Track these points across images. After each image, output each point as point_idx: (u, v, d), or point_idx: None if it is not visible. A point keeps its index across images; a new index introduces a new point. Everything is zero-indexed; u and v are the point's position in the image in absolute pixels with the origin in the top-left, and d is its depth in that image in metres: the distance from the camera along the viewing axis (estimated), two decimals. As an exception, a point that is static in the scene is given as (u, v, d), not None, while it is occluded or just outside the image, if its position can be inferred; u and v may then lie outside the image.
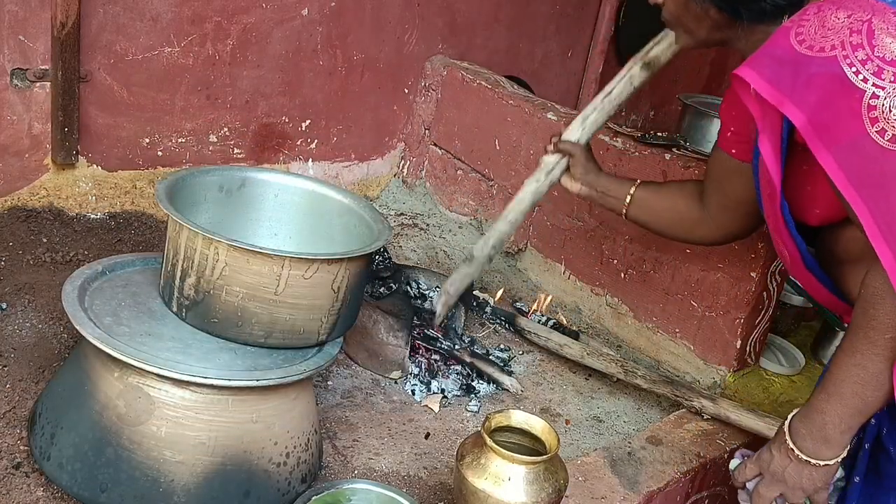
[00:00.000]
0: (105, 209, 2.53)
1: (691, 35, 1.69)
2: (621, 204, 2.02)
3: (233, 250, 1.56)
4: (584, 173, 2.06)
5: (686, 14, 1.64)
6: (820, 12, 1.39)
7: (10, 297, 2.08)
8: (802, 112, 1.36)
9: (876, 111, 1.31)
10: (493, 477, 1.58)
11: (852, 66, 1.32)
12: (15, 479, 1.56)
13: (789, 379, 2.49)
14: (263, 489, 1.58)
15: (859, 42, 1.33)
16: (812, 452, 1.46)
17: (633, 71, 2.03)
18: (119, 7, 2.37)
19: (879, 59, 1.31)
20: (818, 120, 1.35)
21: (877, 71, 1.31)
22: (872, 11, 1.35)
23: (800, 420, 1.48)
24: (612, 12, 3.87)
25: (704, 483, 2.07)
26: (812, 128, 1.36)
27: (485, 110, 3.00)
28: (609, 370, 2.32)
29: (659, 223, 2.01)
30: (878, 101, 1.31)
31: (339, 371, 2.19)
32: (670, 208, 1.97)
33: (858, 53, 1.32)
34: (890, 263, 1.32)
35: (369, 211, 1.89)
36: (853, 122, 1.33)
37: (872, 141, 1.32)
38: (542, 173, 2.10)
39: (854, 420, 1.42)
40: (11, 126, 2.32)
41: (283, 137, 2.88)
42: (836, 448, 1.44)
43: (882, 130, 1.31)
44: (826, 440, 1.44)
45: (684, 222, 1.95)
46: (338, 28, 2.86)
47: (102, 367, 1.54)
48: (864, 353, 1.39)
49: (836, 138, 1.35)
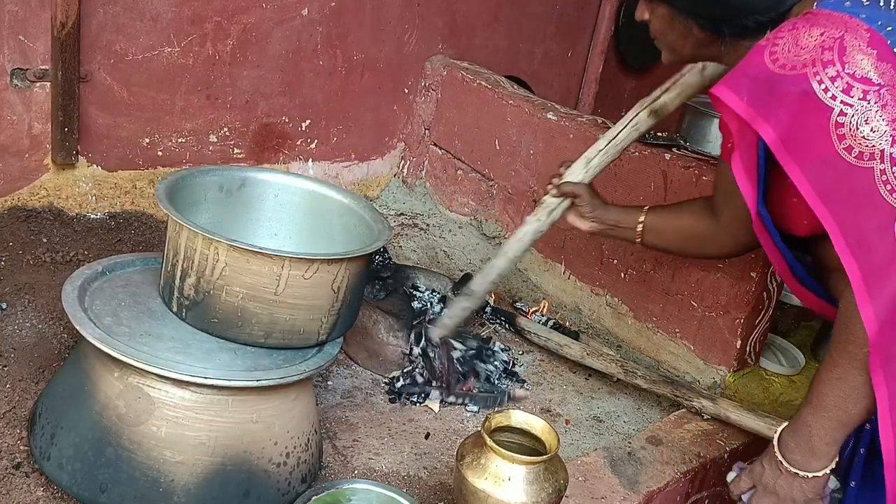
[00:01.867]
0: (105, 209, 2.53)
1: (676, 52, 1.72)
2: (634, 233, 2.04)
3: (233, 250, 1.56)
4: (592, 210, 2.07)
5: (671, 31, 1.67)
6: (794, 30, 1.40)
7: (10, 297, 2.08)
8: (774, 129, 1.38)
9: (843, 128, 1.33)
10: (493, 477, 1.58)
11: (822, 83, 1.34)
12: (15, 479, 1.56)
13: (789, 379, 2.49)
14: (263, 489, 1.58)
15: (830, 59, 1.34)
16: (800, 464, 1.48)
17: (639, 116, 2.04)
18: (119, 7, 2.37)
19: (849, 75, 1.33)
20: (788, 137, 1.38)
21: (846, 88, 1.33)
22: (845, 28, 1.36)
23: (788, 433, 1.51)
24: (612, 12, 3.87)
25: (704, 483, 2.07)
26: (783, 144, 1.38)
27: (485, 110, 3.00)
28: (609, 370, 2.32)
29: (674, 245, 2.04)
30: (845, 119, 1.33)
31: (339, 371, 2.19)
32: (682, 228, 1.99)
33: (829, 70, 1.34)
34: (857, 279, 1.35)
35: (369, 211, 1.89)
36: (822, 138, 1.34)
37: (840, 158, 1.34)
38: (544, 213, 2.12)
39: (839, 432, 1.45)
40: (11, 126, 2.32)
41: (283, 137, 2.88)
42: (824, 459, 1.47)
43: (849, 147, 1.33)
44: (813, 452, 1.47)
45: (698, 240, 1.96)
46: (338, 28, 2.86)
47: (102, 367, 1.54)
48: (844, 367, 1.42)
49: (806, 155, 1.37)
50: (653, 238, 2.03)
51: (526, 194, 2.88)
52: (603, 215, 2.07)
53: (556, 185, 2.10)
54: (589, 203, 2.07)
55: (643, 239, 2.04)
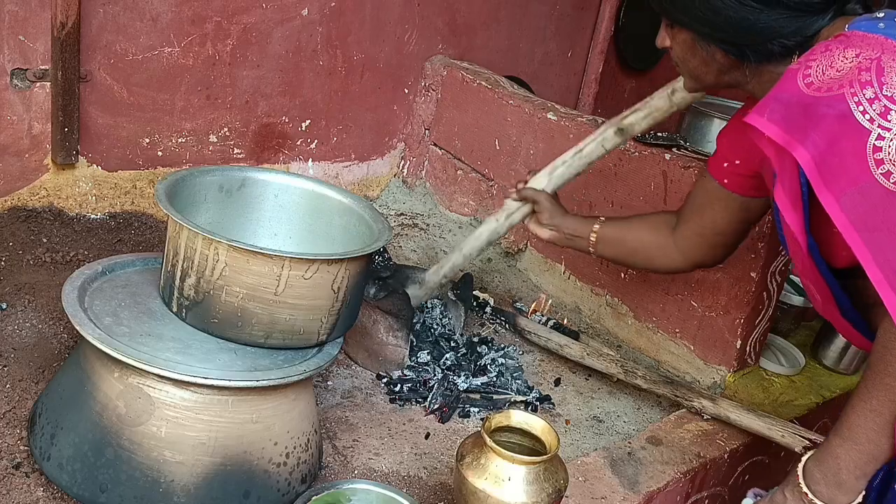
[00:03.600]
0: (105, 209, 2.53)
1: (699, 79, 1.66)
2: (587, 242, 2.07)
3: (233, 250, 1.56)
4: (550, 217, 2.11)
5: (693, 58, 1.61)
6: (827, 52, 1.35)
7: (10, 297, 2.08)
8: (808, 152, 1.32)
9: (881, 153, 1.27)
10: (493, 477, 1.58)
11: (860, 104, 1.28)
12: (15, 479, 1.56)
13: (789, 379, 2.49)
14: (263, 489, 1.58)
15: (868, 80, 1.28)
16: (826, 497, 1.43)
17: (605, 134, 2.09)
18: (119, 7, 2.37)
19: (887, 98, 1.27)
20: (823, 160, 1.31)
21: (883, 111, 1.27)
22: (882, 49, 1.31)
23: (814, 463, 1.45)
24: (612, 12, 3.87)
25: (704, 483, 2.07)
26: (816, 168, 1.32)
27: (485, 110, 3.00)
28: (609, 370, 2.32)
29: (624, 255, 2.07)
30: (883, 143, 1.26)
31: (339, 371, 2.19)
32: (635, 239, 2.01)
33: (867, 91, 1.28)
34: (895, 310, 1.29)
35: (369, 211, 1.89)
36: (858, 163, 1.28)
37: (877, 183, 1.27)
38: (503, 215, 2.19)
39: (869, 466, 1.40)
40: (11, 126, 2.32)
41: (283, 137, 2.88)
42: (851, 493, 1.42)
43: (888, 173, 1.27)
44: (840, 485, 1.42)
45: (647, 252, 1.99)
46: (338, 28, 2.86)
47: (102, 367, 1.54)
48: (879, 400, 1.36)
49: (839, 181, 1.30)
50: (605, 248, 2.06)
51: (526, 194, 2.88)
52: (560, 223, 2.11)
53: (518, 189, 2.15)
54: (547, 210, 2.11)
55: (596, 249, 2.07)
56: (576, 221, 2.11)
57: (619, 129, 2.07)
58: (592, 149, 2.11)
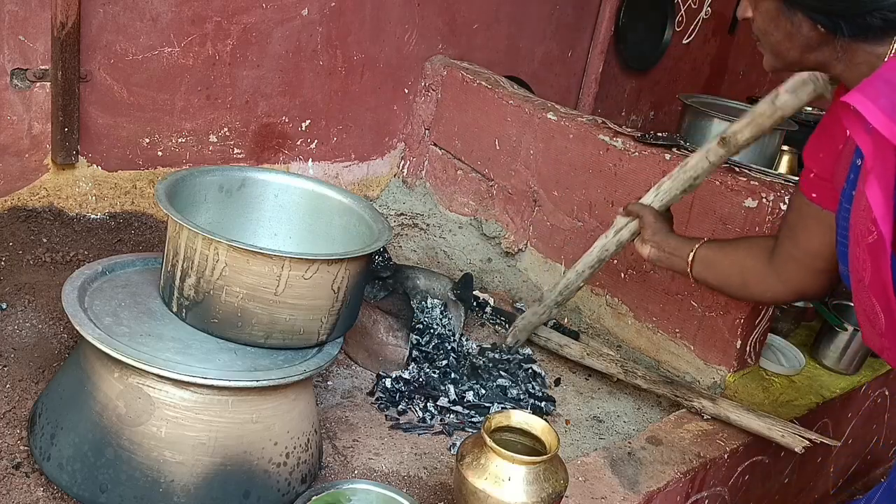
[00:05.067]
0: (105, 209, 2.53)
1: (780, 56, 1.46)
2: (685, 263, 1.92)
3: (233, 251, 1.56)
4: (653, 234, 2.01)
5: (776, 30, 1.43)
6: None
7: (10, 297, 2.08)
8: None
9: None
10: (493, 477, 1.58)
11: None
12: (15, 479, 1.56)
13: (789, 379, 2.49)
14: (263, 489, 1.58)
15: None
16: None
17: (710, 146, 1.97)
18: (119, 7, 2.37)
19: None
20: None
21: None
22: None
23: None
24: (612, 12, 3.87)
25: (704, 483, 2.07)
26: None
27: (485, 110, 3.00)
28: (609, 370, 2.32)
29: (722, 280, 1.89)
30: None
31: (339, 371, 2.19)
32: (734, 264, 1.84)
33: None
34: None
35: (369, 211, 1.89)
36: None
37: None
38: (612, 231, 2.15)
39: None
40: (11, 126, 2.32)
41: (283, 137, 2.88)
42: None
43: None
44: None
45: (745, 277, 1.82)
46: (338, 28, 2.86)
47: (102, 367, 1.54)
48: None
49: None
50: (702, 271, 1.90)
51: (526, 194, 2.88)
52: (662, 241, 1.99)
53: (625, 206, 2.10)
54: (651, 225, 2.02)
55: (692, 270, 1.91)
56: (677, 241, 1.97)
57: (722, 140, 1.93)
58: (696, 161, 2.01)
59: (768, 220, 2.23)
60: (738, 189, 2.29)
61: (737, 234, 2.29)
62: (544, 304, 2.33)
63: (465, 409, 2.10)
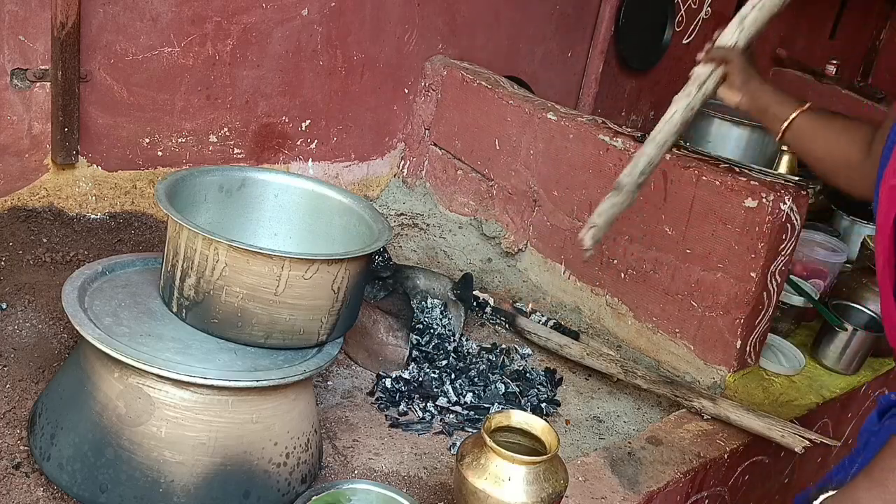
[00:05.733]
0: (105, 209, 2.52)
1: None
2: (779, 126, 1.76)
3: (233, 251, 1.56)
4: (745, 82, 1.79)
5: None
6: None
7: (10, 297, 2.08)
8: None
9: None
10: (493, 477, 1.58)
11: None
12: (15, 479, 1.56)
13: (789, 379, 2.49)
14: (263, 489, 1.58)
15: None
16: None
17: None
18: (119, 7, 2.37)
19: None
20: None
21: None
22: None
23: None
24: (612, 12, 3.87)
25: (704, 483, 2.07)
26: None
27: (485, 110, 3.00)
28: (609, 370, 2.32)
29: (812, 157, 1.76)
30: None
31: (339, 371, 2.19)
32: (829, 144, 1.71)
33: None
34: None
35: (369, 211, 1.89)
36: None
37: None
38: (694, 86, 1.86)
39: None
40: (11, 126, 2.32)
41: (283, 137, 2.88)
42: None
43: None
44: None
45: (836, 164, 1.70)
46: (338, 28, 2.86)
47: (102, 367, 1.54)
48: None
49: None
50: (794, 139, 1.76)
51: (526, 194, 2.88)
52: (755, 92, 1.80)
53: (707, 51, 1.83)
54: (742, 72, 1.79)
55: (784, 135, 1.76)
56: (773, 97, 1.79)
57: None
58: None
59: (768, 220, 2.23)
60: (738, 189, 2.29)
61: (737, 233, 2.29)
62: (625, 191, 1.92)
63: (464, 409, 2.10)
